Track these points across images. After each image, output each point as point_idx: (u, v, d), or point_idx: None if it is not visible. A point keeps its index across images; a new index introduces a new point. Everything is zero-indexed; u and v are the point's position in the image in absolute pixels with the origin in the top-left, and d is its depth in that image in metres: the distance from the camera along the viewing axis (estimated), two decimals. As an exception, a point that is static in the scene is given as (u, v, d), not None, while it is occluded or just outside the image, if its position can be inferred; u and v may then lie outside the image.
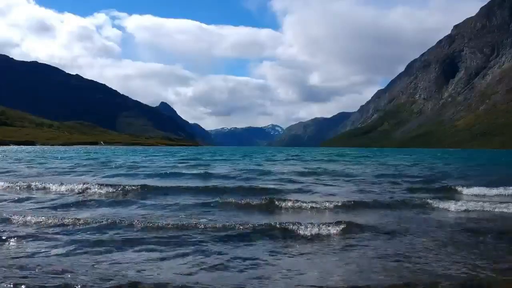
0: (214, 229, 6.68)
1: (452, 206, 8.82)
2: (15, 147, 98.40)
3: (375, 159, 39.87)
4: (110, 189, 11.47)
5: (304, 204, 8.90)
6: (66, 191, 11.44)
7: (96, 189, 11.49)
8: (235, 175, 17.02)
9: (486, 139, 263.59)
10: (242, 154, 52.84)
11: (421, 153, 77.53)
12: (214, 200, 9.66)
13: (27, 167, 21.39)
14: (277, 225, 6.79)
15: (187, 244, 5.80)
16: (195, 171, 18.84)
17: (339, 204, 8.93)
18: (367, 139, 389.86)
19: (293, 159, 37.88)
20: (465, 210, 8.62)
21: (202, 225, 6.90)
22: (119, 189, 11.46)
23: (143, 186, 11.98)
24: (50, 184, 12.07)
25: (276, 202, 9.18)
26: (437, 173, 19.97)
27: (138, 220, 7.12)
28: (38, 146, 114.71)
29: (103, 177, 16.04)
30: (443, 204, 9.01)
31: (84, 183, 12.10)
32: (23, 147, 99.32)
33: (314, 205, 8.87)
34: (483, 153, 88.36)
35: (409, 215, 8.24)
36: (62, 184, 12.12)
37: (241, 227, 6.74)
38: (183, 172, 18.58)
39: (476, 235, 6.52)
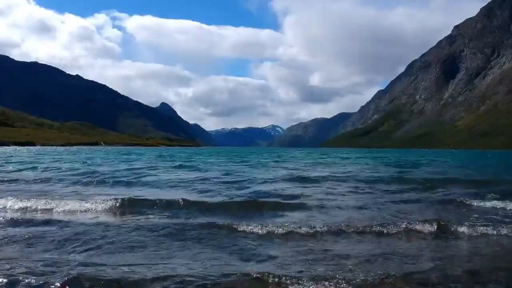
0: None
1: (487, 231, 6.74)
2: (15, 147, 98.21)
3: (376, 160, 39.34)
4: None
5: (296, 230, 6.36)
6: None
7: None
8: (217, 182, 14.59)
9: (486, 139, 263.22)
10: (236, 155, 50.29)
11: (424, 154, 75.77)
12: (173, 221, 7.12)
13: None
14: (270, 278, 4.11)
15: None
16: (167, 177, 16.40)
17: (320, 229, 6.45)
18: (367, 139, 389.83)
19: (291, 161, 35.23)
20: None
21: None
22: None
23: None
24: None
25: (269, 228, 6.48)
26: (443, 176, 17.99)
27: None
28: (38, 147, 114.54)
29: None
30: (468, 230, 6.67)
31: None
32: (23, 147, 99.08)
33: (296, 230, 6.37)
34: (486, 153, 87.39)
35: (432, 247, 5.88)
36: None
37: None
38: (158, 177, 16.06)
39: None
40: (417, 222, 6.91)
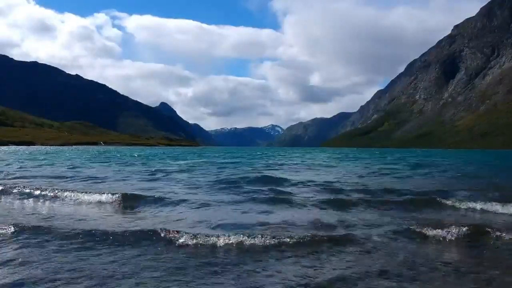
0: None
1: None
2: (14, 147, 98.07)
3: (378, 161, 38.96)
4: None
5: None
6: None
7: None
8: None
9: (486, 139, 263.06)
10: (219, 156, 43.54)
11: (431, 154, 70.34)
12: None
13: None
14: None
15: None
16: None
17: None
18: (367, 139, 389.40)
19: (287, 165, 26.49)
20: None
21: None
22: None
23: None
24: None
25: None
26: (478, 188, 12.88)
27: None
28: (37, 146, 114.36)
29: None
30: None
31: None
32: (23, 147, 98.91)
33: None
34: (489, 154, 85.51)
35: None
36: None
37: None
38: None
39: None
40: None
